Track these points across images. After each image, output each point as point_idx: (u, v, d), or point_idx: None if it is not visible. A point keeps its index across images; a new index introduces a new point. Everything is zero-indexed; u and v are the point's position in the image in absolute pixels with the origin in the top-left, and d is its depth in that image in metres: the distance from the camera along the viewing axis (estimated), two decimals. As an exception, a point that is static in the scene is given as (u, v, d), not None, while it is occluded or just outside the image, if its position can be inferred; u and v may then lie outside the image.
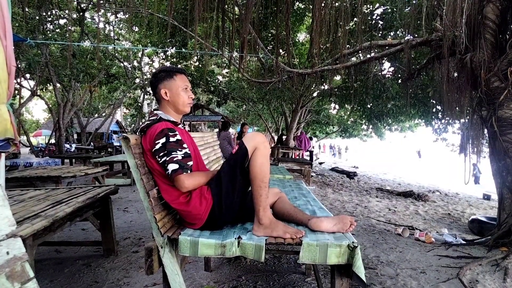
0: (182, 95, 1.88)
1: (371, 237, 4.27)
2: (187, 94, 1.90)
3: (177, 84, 1.88)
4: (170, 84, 1.88)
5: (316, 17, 5.17)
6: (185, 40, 11.38)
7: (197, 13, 5.17)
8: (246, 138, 1.74)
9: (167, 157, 1.65)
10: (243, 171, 1.73)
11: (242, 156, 1.71)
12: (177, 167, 1.64)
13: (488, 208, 8.16)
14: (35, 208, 2.24)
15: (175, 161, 1.65)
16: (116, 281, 2.61)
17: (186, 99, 1.90)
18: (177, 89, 1.87)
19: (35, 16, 10.91)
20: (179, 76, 1.90)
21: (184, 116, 2.15)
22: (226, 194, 1.74)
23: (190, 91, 1.94)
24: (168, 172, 1.64)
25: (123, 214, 4.93)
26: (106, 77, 15.88)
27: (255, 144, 1.70)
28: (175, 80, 1.88)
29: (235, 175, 1.74)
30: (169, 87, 1.87)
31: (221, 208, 1.73)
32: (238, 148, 1.74)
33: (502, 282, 2.83)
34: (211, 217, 1.72)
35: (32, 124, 37.31)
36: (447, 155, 11.04)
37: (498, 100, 3.87)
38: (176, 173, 1.64)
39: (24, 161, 7.54)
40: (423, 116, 11.28)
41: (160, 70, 1.95)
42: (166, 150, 1.66)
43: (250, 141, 1.71)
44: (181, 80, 1.89)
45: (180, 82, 1.89)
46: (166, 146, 1.67)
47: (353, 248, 1.50)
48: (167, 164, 1.64)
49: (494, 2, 3.94)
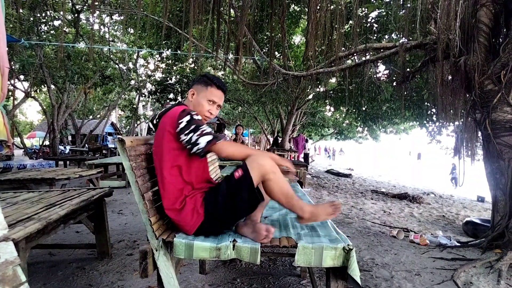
0: (203, 105, 1.88)
1: (366, 239, 4.28)
2: (210, 107, 1.89)
3: (206, 94, 1.88)
4: (201, 90, 1.89)
5: (311, 20, 5.19)
6: (181, 42, 11.37)
7: (192, 15, 5.16)
8: (251, 164, 1.64)
9: (195, 132, 1.65)
10: (251, 195, 1.65)
11: (247, 186, 1.62)
12: (211, 138, 1.66)
13: (482, 210, 8.22)
14: (28, 210, 2.22)
15: (207, 133, 1.66)
16: (110, 284, 2.59)
17: (204, 110, 1.88)
18: (203, 97, 1.88)
19: (29, 17, 10.84)
20: (213, 89, 1.89)
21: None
22: (222, 217, 1.69)
23: (217, 109, 1.93)
24: (200, 146, 1.64)
25: (117, 216, 4.90)
26: (101, 78, 15.80)
27: (262, 173, 1.62)
28: (207, 90, 1.88)
29: (235, 203, 1.66)
30: (198, 91, 1.90)
31: (214, 225, 1.70)
32: (242, 176, 1.64)
33: (496, 284, 2.85)
34: (199, 229, 1.69)
35: (26, 126, 37.05)
36: (445, 157, 11.11)
37: (492, 103, 3.90)
38: (211, 143, 1.65)
39: (17, 163, 7.48)
40: (417, 119, 11.33)
41: (205, 75, 1.95)
42: (193, 125, 1.65)
43: (255, 170, 1.62)
44: (212, 93, 1.89)
45: (210, 94, 1.88)
46: (191, 122, 1.66)
47: (348, 250, 1.50)
48: (198, 138, 1.64)
49: (487, 6, 3.98)
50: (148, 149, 1.89)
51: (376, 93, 9.46)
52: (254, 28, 8.53)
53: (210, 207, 1.68)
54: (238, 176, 1.66)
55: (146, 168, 1.81)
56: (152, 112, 33.08)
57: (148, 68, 21.67)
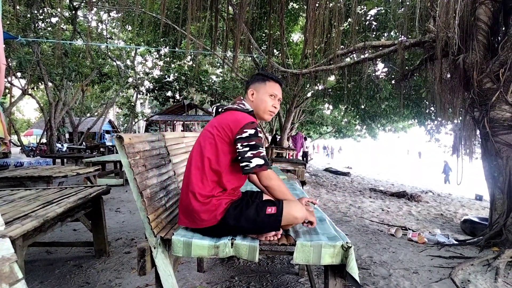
0: (266, 101, 1.86)
1: (364, 237, 4.28)
2: (272, 102, 1.88)
3: (266, 89, 1.86)
4: (260, 87, 1.88)
5: (310, 17, 5.18)
6: (179, 40, 11.35)
7: (190, 12, 5.14)
8: (287, 210, 1.64)
9: (254, 150, 1.64)
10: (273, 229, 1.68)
11: (273, 225, 1.64)
12: (262, 162, 1.65)
13: (480, 208, 8.24)
14: (25, 208, 2.21)
15: (262, 157, 1.66)
16: (107, 282, 2.58)
17: (269, 105, 1.87)
18: (264, 93, 1.86)
19: (27, 14, 10.79)
20: (271, 83, 1.88)
21: (177, 116, 2.12)
22: (237, 231, 1.69)
23: (279, 102, 1.91)
24: (250, 165, 1.63)
25: (115, 214, 4.89)
26: (98, 76, 15.74)
27: (291, 223, 1.68)
28: (265, 85, 1.87)
29: (255, 228, 1.67)
30: (257, 89, 1.88)
31: (223, 233, 1.69)
32: (273, 215, 1.64)
33: (494, 282, 2.85)
34: (207, 229, 1.68)
35: (23, 123, 36.88)
36: (444, 155, 11.13)
37: (490, 101, 3.90)
38: (261, 168, 1.65)
39: (14, 161, 7.46)
40: (416, 117, 11.37)
41: (259, 73, 1.96)
42: (254, 142, 1.65)
43: (286, 219, 1.64)
44: (271, 87, 1.87)
45: (270, 88, 1.87)
46: (254, 139, 1.65)
47: (346, 248, 1.50)
48: (252, 157, 1.64)
49: (486, 4, 3.97)
50: (146, 146, 1.88)
51: (375, 91, 9.48)
52: (252, 25, 8.52)
53: (231, 220, 1.66)
54: (269, 212, 1.65)
55: (144, 165, 1.79)
56: (150, 110, 33.05)
57: (146, 66, 21.64)
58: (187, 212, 1.71)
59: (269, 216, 1.63)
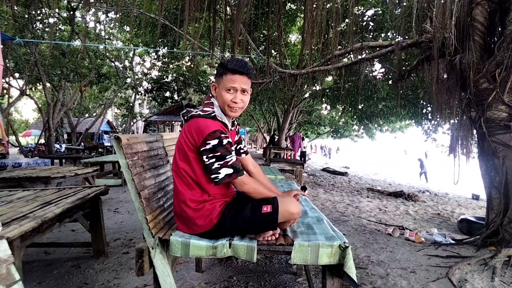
0: (223, 95, 1.70)
1: (362, 237, 4.30)
2: (231, 96, 1.70)
3: (223, 83, 1.70)
4: (219, 81, 1.73)
5: (307, 18, 5.19)
6: (177, 40, 11.34)
7: (187, 12, 5.15)
8: (282, 207, 1.64)
9: (220, 161, 1.58)
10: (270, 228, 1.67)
11: (270, 223, 1.64)
12: (231, 171, 1.60)
13: (477, 208, 8.28)
14: (23, 209, 2.21)
15: (230, 165, 1.60)
16: (106, 282, 2.59)
17: (227, 101, 1.70)
18: (222, 88, 1.71)
19: (24, 15, 10.76)
20: (228, 75, 1.68)
21: (175, 116, 2.10)
22: (235, 232, 1.69)
23: (243, 95, 1.72)
24: (219, 176, 1.59)
25: (113, 215, 4.89)
26: (97, 76, 15.71)
27: (288, 219, 1.67)
28: (222, 79, 1.70)
29: (253, 228, 1.67)
30: (218, 83, 1.74)
31: (221, 235, 1.69)
32: (269, 213, 1.63)
33: (490, 281, 2.87)
34: (205, 233, 1.68)
35: (21, 124, 36.80)
36: (443, 155, 11.16)
37: (487, 101, 3.92)
38: (230, 178, 1.60)
39: (13, 162, 7.45)
40: (413, 117, 11.40)
41: (220, 63, 1.79)
42: (219, 153, 1.58)
43: (283, 215, 1.64)
44: (228, 80, 1.68)
45: (226, 82, 1.69)
46: (218, 149, 1.58)
47: (344, 248, 1.51)
48: (219, 168, 1.58)
49: (482, 4, 4.00)
50: (144, 147, 1.88)
51: (372, 91, 9.51)
52: (250, 26, 8.52)
53: (227, 222, 1.65)
54: (265, 211, 1.64)
55: (142, 166, 1.80)
56: (149, 110, 32.98)
57: (144, 66, 21.61)
58: (182, 219, 1.71)
59: (266, 215, 1.62)
